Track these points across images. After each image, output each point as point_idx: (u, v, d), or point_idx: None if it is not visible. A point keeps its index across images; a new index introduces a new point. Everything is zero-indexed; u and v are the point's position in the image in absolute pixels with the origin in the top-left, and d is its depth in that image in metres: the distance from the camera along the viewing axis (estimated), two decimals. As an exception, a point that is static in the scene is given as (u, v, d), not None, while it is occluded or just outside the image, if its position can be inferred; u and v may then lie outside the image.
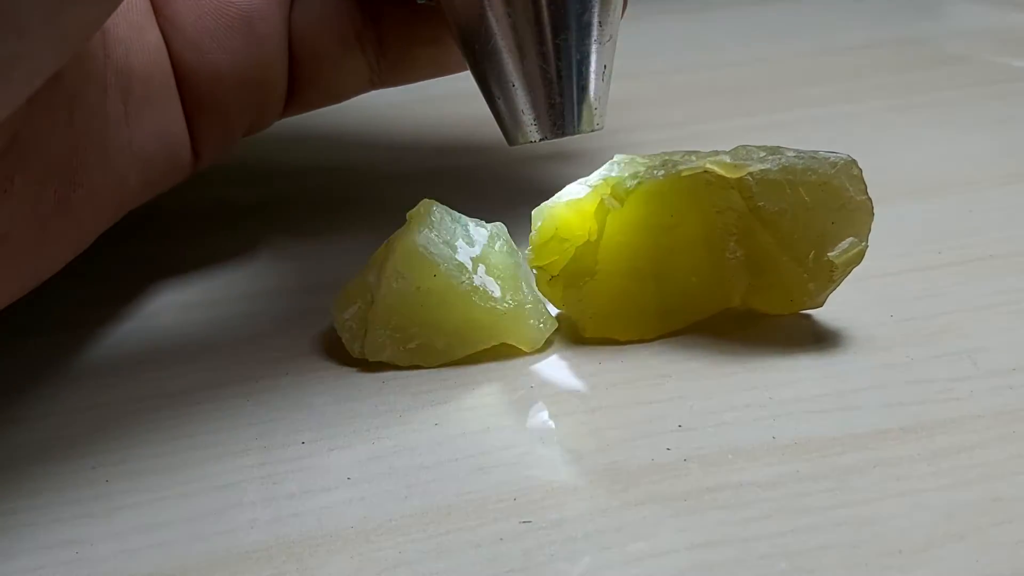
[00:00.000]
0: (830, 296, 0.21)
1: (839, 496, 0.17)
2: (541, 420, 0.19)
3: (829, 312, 0.21)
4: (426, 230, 0.20)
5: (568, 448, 0.18)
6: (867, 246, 0.20)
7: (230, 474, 0.18)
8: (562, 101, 0.20)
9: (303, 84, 0.23)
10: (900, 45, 0.38)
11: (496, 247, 0.21)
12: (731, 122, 0.31)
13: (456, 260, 0.20)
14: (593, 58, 0.20)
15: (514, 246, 0.21)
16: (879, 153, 0.29)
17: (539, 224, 0.21)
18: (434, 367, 0.20)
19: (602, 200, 0.20)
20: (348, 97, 0.24)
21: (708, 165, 0.19)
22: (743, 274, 0.20)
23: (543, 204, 0.21)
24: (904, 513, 0.17)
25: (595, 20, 0.20)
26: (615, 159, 0.20)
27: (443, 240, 0.20)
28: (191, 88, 0.21)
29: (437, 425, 0.19)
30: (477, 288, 0.20)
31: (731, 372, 0.20)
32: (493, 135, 0.31)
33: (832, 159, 0.19)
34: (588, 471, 0.18)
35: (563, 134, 0.21)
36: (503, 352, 0.21)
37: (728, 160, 0.19)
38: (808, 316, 0.21)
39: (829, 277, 0.19)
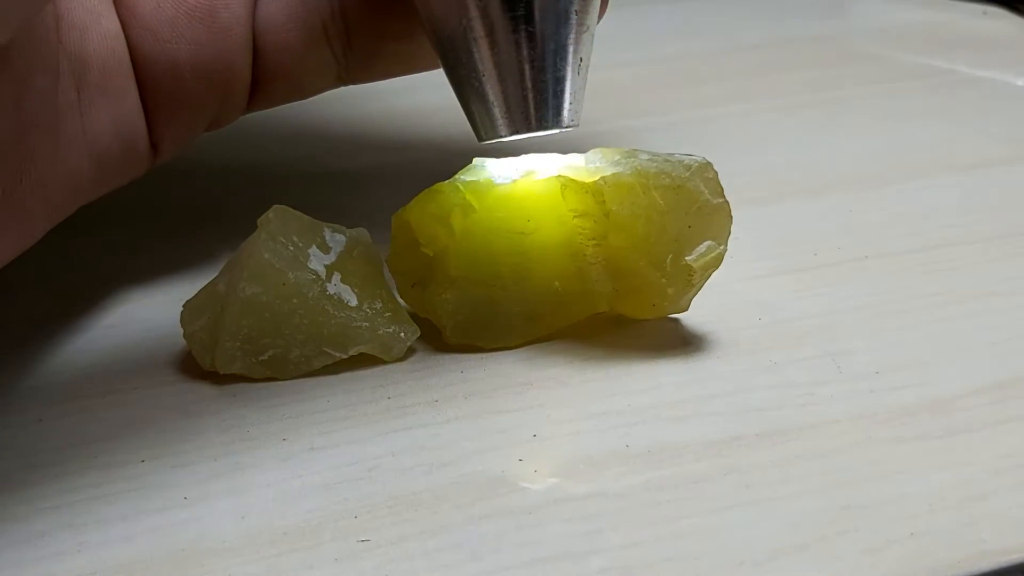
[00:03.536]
0: (701, 298, 0.20)
1: (687, 506, 0.17)
2: (394, 433, 0.18)
3: (698, 315, 0.21)
4: (276, 238, 0.19)
5: (418, 462, 0.18)
6: (726, 249, 0.19)
7: (64, 495, 0.17)
8: (535, 94, 0.19)
9: (268, 78, 0.22)
10: (804, 43, 0.38)
11: (355, 254, 0.20)
12: (624, 122, 0.31)
13: (308, 268, 0.19)
14: (569, 48, 0.19)
15: (375, 252, 0.21)
16: (767, 153, 0.29)
17: (397, 230, 0.20)
18: (289, 379, 0.20)
19: (457, 204, 0.19)
20: (315, 93, 0.24)
21: (562, 170, 0.19)
22: (606, 279, 0.20)
23: (401, 209, 0.20)
24: (751, 523, 0.16)
25: (572, 9, 0.19)
26: (473, 163, 0.20)
27: (294, 247, 0.19)
28: (149, 79, 0.20)
29: (285, 440, 0.18)
30: (331, 297, 0.19)
31: (592, 379, 0.20)
32: (401, 143, 0.30)
33: (686, 162, 0.19)
34: (435, 486, 0.17)
35: (534, 129, 0.19)
36: (364, 362, 0.20)
37: (582, 164, 0.19)
38: (676, 320, 0.21)
39: (688, 281, 0.19)
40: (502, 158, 0.20)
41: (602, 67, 0.36)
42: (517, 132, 0.20)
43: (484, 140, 0.20)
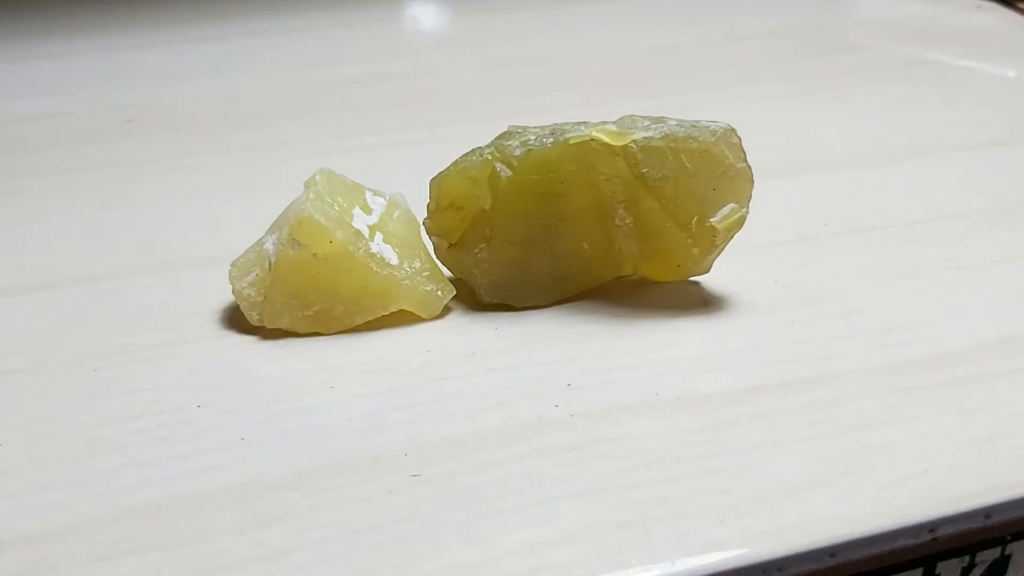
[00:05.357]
0: (718, 263, 0.22)
1: (715, 447, 0.18)
2: (435, 382, 0.19)
3: (717, 278, 0.22)
4: (323, 198, 0.20)
5: (460, 407, 0.19)
6: (747, 212, 0.20)
7: (125, 436, 0.18)
8: None
9: None
10: (802, 34, 0.39)
11: (395, 216, 0.21)
12: (636, 105, 0.32)
13: (352, 228, 0.20)
14: None
15: (413, 215, 0.22)
16: (776, 133, 0.30)
17: (436, 193, 0.21)
18: (333, 334, 0.21)
19: (494, 168, 0.20)
20: None
21: (594, 133, 0.20)
22: (632, 241, 0.21)
23: (439, 173, 0.21)
24: (775, 461, 0.17)
25: None
26: (507, 129, 0.21)
27: (339, 208, 0.20)
28: None
29: (333, 388, 0.19)
30: (374, 255, 0.20)
31: (620, 334, 0.21)
32: (397, 113, 0.31)
33: (712, 127, 0.20)
34: (478, 428, 0.18)
35: None
36: (402, 319, 0.21)
37: (613, 128, 0.20)
38: (696, 283, 0.22)
39: (712, 242, 0.20)
40: (536, 124, 0.21)
41: (614, 53, 0.37)
42: None
43: None
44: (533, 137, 0.20)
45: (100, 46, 0.39)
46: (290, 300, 0.20)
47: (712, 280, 0.22)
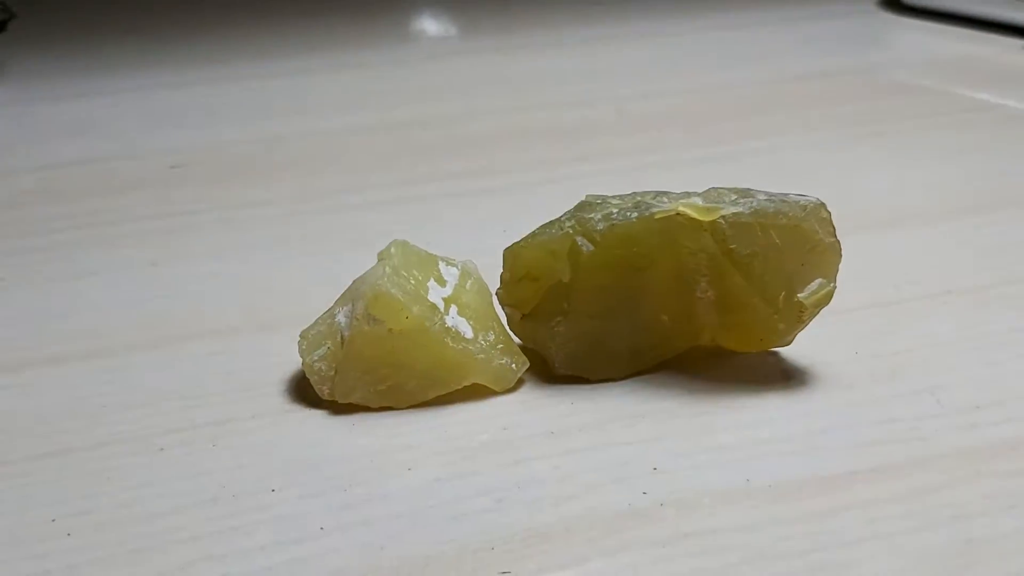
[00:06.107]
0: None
1: (814, 540, 0.17)
2: (515, 464, 0.19)
3: (795, 348, 0.21)
4: (398, 272, 0.20)
5: (544, 494, 0.18)
6: (835, 287, 0.20)
7: (198, 525, 0.18)
8: None
9: None
10: (850, 75, 0.39)
11: (467, 286, 0.21)
12: (685, 153, 0.31)
13: (428, 301, 0.20)
14: None
15: (485, 284, 0.21)
16: (831, 185, 0.29)
17: (511, 263, 0.20)
18: (404, 408, 0.20)
19: (575, 242, 0.20)
20: None
21: (681, 208, 0.19)
22: (712, 312, 0.20)
23: (514, 244, 0.20)
24: (877, 557, 0.17)
25: None
26: (586, 199, 0.20)
27: (415, 281, 0.20)
28: None
29: (410, 470, 0.19)
30: (449, 329, 0.20)
31: (703, 412, 0.20)
32: (446, 160, 0.31)
33: (802, 202, 0.19)
34: (565, 518, 0.18)
35: None
36: (474, 391, 0.20)
37: (700, 203, 0.19)
38: (775, 353, 0.22)
39: (799, 318, 0.20)
40: (614, 194, 0.20)
41: (660, 95, 0.37)
42: None
43: None
44: (616, 211, 0.20)
45: (138, 83, 0.38)
46: (363, 375, 0.20)
47: (790, 350, 0.22)
